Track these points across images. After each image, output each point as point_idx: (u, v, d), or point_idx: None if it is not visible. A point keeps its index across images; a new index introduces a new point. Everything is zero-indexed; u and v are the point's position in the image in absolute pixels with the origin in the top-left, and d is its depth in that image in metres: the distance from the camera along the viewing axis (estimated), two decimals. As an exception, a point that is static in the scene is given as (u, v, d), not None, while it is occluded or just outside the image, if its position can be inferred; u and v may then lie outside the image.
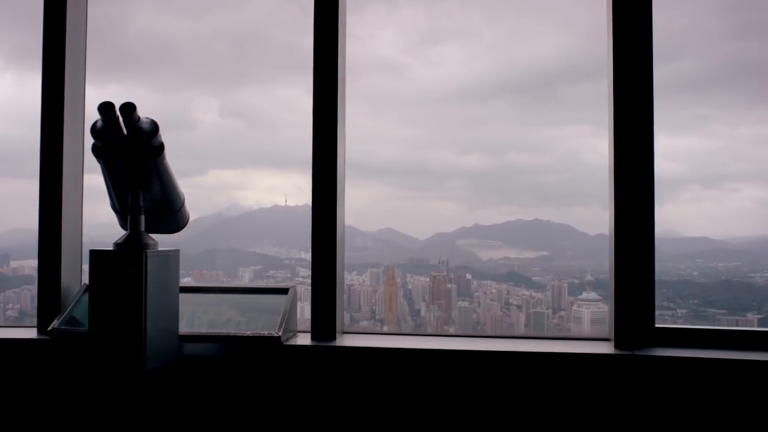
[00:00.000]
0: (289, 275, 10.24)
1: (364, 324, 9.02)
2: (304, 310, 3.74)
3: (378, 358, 2.80)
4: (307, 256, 11.85)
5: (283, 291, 3.07)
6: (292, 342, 2.92)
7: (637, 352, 2.63)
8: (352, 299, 10.06)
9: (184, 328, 2.81)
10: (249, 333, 2.79)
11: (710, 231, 4.50)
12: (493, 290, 9.59)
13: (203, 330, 2.84)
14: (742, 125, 3.77)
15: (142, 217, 2.51)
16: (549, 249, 8.54)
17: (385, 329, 8.56)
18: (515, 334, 4.12)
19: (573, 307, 7.91)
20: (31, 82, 3.68)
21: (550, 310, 8.29)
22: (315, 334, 3.01)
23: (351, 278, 10.51)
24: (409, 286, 10.28)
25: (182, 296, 2.90)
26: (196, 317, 2.97)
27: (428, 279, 9.38)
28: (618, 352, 2.67)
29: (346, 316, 9.75)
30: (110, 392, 2.43)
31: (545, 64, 4.16)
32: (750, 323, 4.19)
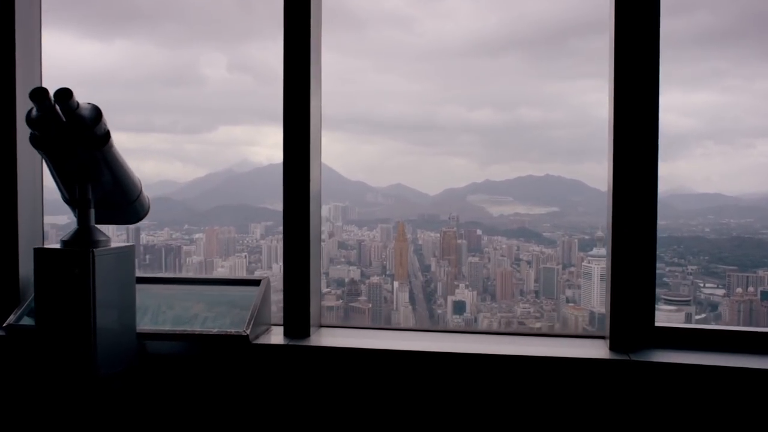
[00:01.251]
0: (300, 231, 10.32)
1: (375, 279, 9.08)
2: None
3: (354, 359, 2.57)
4: (320, 211, 11.83)
5: (255, 282, 2.83)
6: (262, 340, 2.67)
7: (633, 357, 2.35)
8: (363, 255, 10.12)
9: (147, 325, 2.61)
10: (215, 331, 2.56)
11: (723, 187, 4.46)
12: (504, 246, 9.60)
13: (167, 327, 2.63)
14: (758, 79, 3.69)
15: (92, 211, 2.29)
16: (560, 205, 8.50)
17: (395, 283, 8.61)
18: (508, 330, 3.75)
19: (583, 263, 7.91)
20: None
21: (560, 266, 8.30)
22: (288, 330, 2.76)
23: (362, 234, 10.57)
24: (420, 242, 10.31)
25: (147, 288, 2.73)
26: (161, 312, 2.75)
27: (439, 235, 9.39)
28: (613, 356, 2.38)
29: (356, 271, 9.83)
30: (63, 398, 2.19)
31: (556, 16, 4.08)
32: (761, 280, 4.19)
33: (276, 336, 2.76)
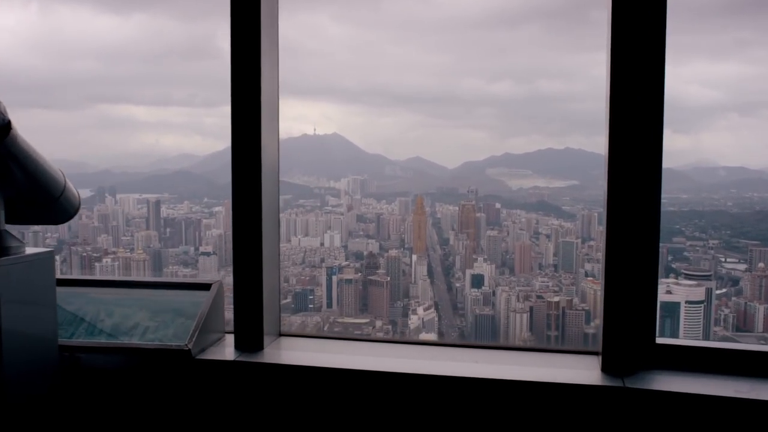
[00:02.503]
0: (318, 204, 10.33)
1: (393, 253, 9.09)
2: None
3: (311, 378, 2.22)
4: (337, 185, 11.85)
5: (205, 287, 2.45)
6: (208, 354, 2.34)
7: (628, 382, 2.01)
8: (381, 228, 10.14)
9: (81, 336, 2.35)
10: (154, 345, 2.29)
11: (747, 160, 4.39)
12: (523, 219, 9.57)
13: (103, 338, 2.36)
14: (786, 50, 3.61)
15: (1, 213, 2.00)
16: (580, 178, 8.43)
17: (413, 257, 8.63)
18: (494, 343, 2.71)
19: (603, 237, 7.85)
20: (57, 12, 3.66)
21: (580, 240, 8.26)
22: (239, 341, 2.40)
23: (380, 207, 10.58)
24: (438, 215, 10.30)
25: (87, 293, 2.46)
26: (99, 321, 2.47)
27: (457, 208, 9.37)
28: (605, 381, 2.04)
29: (375, 245, 9.82)
30: None
31: (578, -14, 4.00)
32: (784, 255, 4.14)
33: (227, 348, 2.40)
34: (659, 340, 2.15)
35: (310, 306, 10.43)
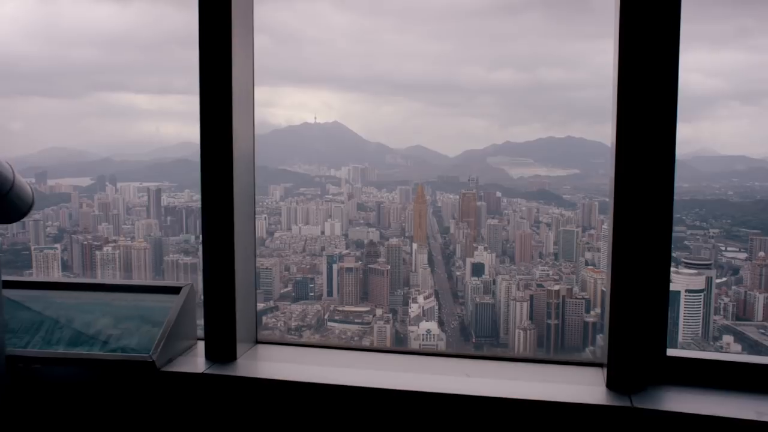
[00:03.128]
0: (319, 192, 10.36)
1: (394, 241, 9.11)
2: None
3: (287, 394, 2.12)
4: (338, 173, 11.83)
5: (175, 290, 2.27)
6: (175, 366, 2.11)
7: (636, 401, 1.79)
8: (382, 217, 10.16)
9: (37, 345, 2.12)
10: (116, 356, 2.15)
11: (748, 149, 4.39)
12: (523, 208, 9.59)
13: (61, 348, 2.22)
14: (788, 38, 3.59)
15: None
16: (581, 167, 8.44)
17: (414, 245, 8.66)
18: (491, 353, 2.40)
19: (603, 226, 7.86)
20: (56, -2, 3.63)
21: (580, 229, 8.28)
22: (210, 351, 2.20)
23: (381, 195, 10.60)
24: (439, 204, 10.32)
25: (46, 296, 2.20)
26: (58, 328, 2.26)
27: (458, 197, 9.39)
28: (610, 400, 1.77)
29: (375, 233, 9.81)
30: None
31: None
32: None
33: (197, 359, 2.25)
34: (670, 352, 1.88)
35: (311, 294, 10.46)
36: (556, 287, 9.29)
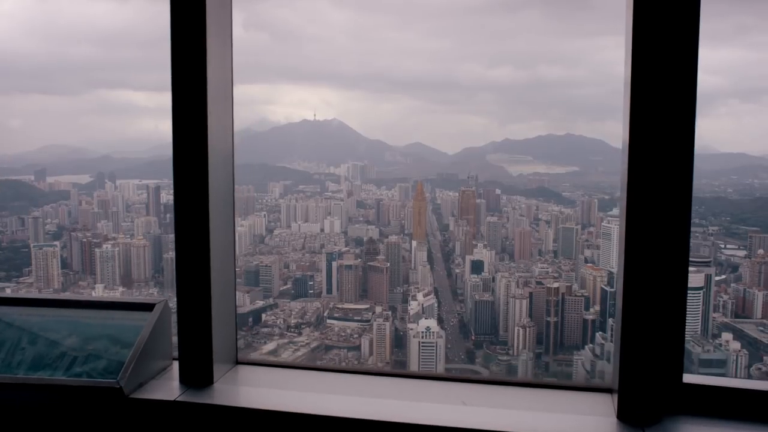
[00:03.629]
0: (318, 190, 10.37)
1: (393, 239, 9.12)
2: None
3: (269, 424, 1.82)
4: (337, 170, 11.84)
5: (148, 308, 2.08)
6: (145, 392, 1.97)
7: None
8: (381, 214, 10.18)
9: None
10: (81, 381, 1.95)
11: (748, 147, 4.39)
12: (523, 206, 9.61)
13: (22, 372, 2.01)
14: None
15: None
16: (580, 164, 8.45)
17: (413, 243, 8.68)
18: (494, 378, 2.15)
19: (602, 223, 7.88)
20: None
21: (579, 226, 8.29)
22: (184, 374, 2.02)
23: (380, 193, 10.63)
24: (438, 201, 10.36)
25: (9, 313, 2.03)
26: (19, 350, 2.12)
27: (457, 194, 9.41)
28: None
29: (375, 231, 9.81)
30: None
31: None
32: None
33: (171, 383, 2.02)
34: (687, 379, 1.71)
35: (310, 292, 10.49)
36: (556, 285, 9.33)
